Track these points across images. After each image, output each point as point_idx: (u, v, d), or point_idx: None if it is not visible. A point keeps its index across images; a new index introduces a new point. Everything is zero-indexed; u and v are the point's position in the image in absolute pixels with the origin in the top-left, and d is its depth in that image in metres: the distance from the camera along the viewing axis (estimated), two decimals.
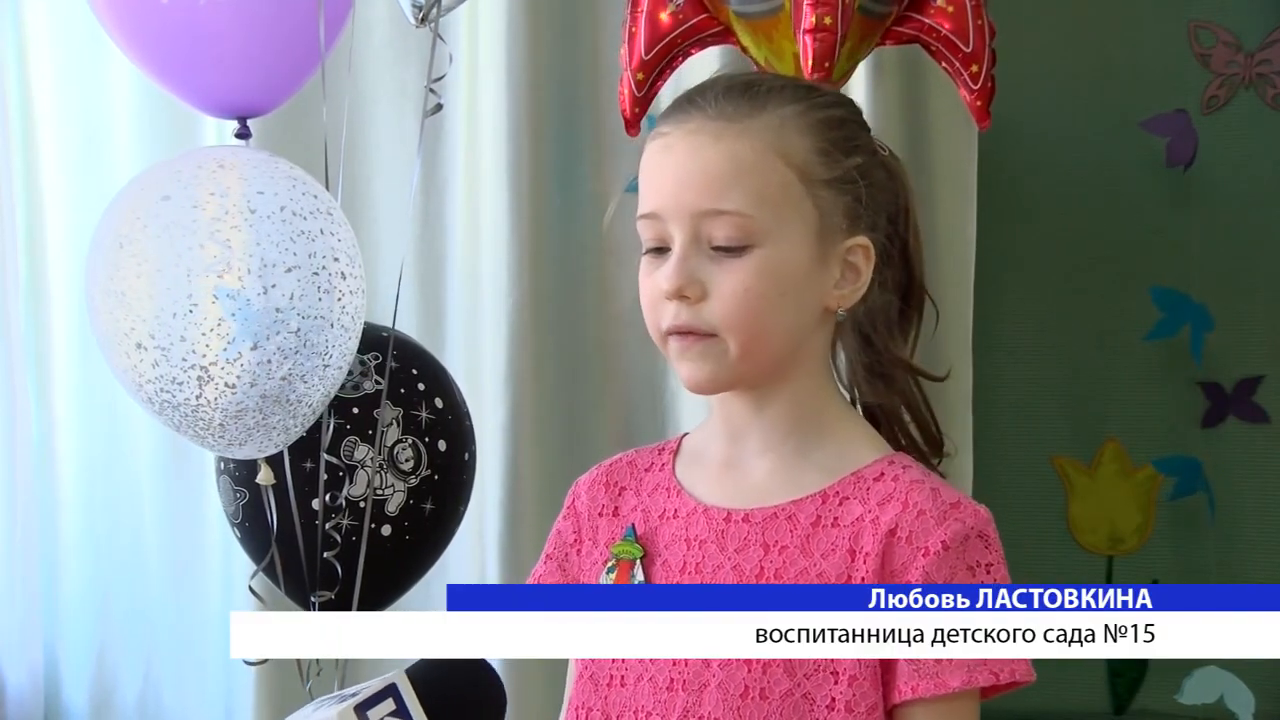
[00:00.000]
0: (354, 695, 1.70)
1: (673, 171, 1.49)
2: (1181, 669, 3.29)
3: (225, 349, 2.28)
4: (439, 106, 2.60)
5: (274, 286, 2.29)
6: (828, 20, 2.21)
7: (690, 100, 1.52)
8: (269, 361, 2.30)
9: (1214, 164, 3.38)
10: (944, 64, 2.43)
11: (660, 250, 1.50)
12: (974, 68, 2.37)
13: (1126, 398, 3.41)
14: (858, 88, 2.87)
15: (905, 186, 1.57)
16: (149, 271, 2.29)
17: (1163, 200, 3.40)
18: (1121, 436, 3.41)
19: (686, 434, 1.63)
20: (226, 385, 2.30)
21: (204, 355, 2.28)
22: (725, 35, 2.47)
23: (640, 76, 2.38)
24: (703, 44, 2.47)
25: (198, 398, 2.30)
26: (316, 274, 2.33)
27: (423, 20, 2.46)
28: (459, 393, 2.67)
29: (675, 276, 1.47)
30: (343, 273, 2.36)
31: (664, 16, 2.42)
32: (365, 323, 2.62)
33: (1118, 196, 3.40)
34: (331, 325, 2.34)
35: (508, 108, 3.06)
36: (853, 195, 1.51)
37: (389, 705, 1.68)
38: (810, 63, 2.25)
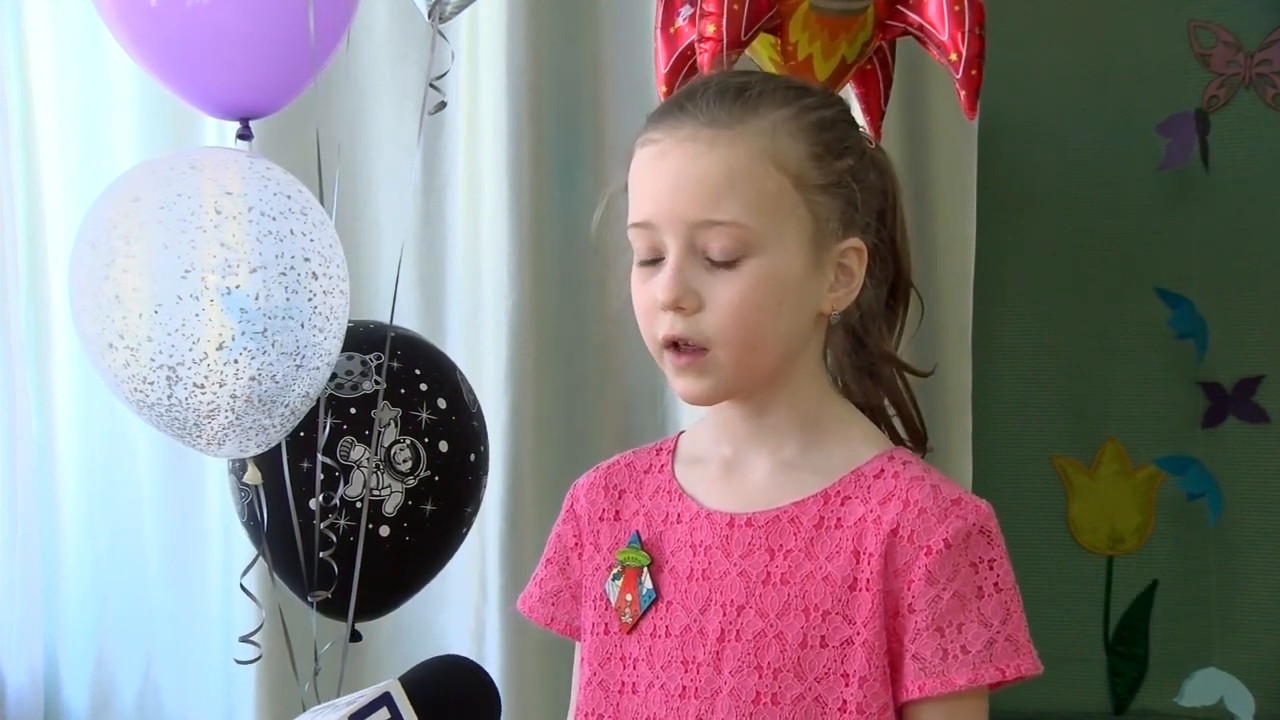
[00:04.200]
0: (348, 705, 1.69)
1: (666, 180, 1.47)
2: (1181, 670, 3.29)
3: (191, 349, 2.27)
4: (442, 104, 2.59)
5: (237, 288, 2.28)
6: (710, 29, 2.21)
7: (680, 105, 1.49)
8: (235, 362, 2.28)
9: (1214, 164, 3.38)
10: (933, 54, 2.40)
11: (654, 260, 1.48)
12: (953, 56, 2.32)
13: (1126, 398, 3.41)
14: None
15: (894, 182, 1.56)
16: (116, 273, 2.29)
17: (1162, 200, 3.40)
18: (1121, 436, 3.41)
19: (683, 432, 1.62)
20: (195, 385, 2.28)
21: (170, 355, 2.27)
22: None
23: (664, 89, 2.38)
24: None
25: (169, 398, 2.29)
26: (284, 274, 2.30)
27: (434, 16, 2.45)
28: (468, 393, 2.65)
29: (671, 288, 1.45)
30: (314, 273, 2.34)
31: (673, 30, 2.42)
32: (373, 323, 2.61)
33: (1117, 196, 3.40)
34: (302, 326, 2.32)
35: (508, 107, 3.06)
36: (845, 199, 1.49)
37: (384, 714, 1.68)
38: (700, 70, 2.25)
